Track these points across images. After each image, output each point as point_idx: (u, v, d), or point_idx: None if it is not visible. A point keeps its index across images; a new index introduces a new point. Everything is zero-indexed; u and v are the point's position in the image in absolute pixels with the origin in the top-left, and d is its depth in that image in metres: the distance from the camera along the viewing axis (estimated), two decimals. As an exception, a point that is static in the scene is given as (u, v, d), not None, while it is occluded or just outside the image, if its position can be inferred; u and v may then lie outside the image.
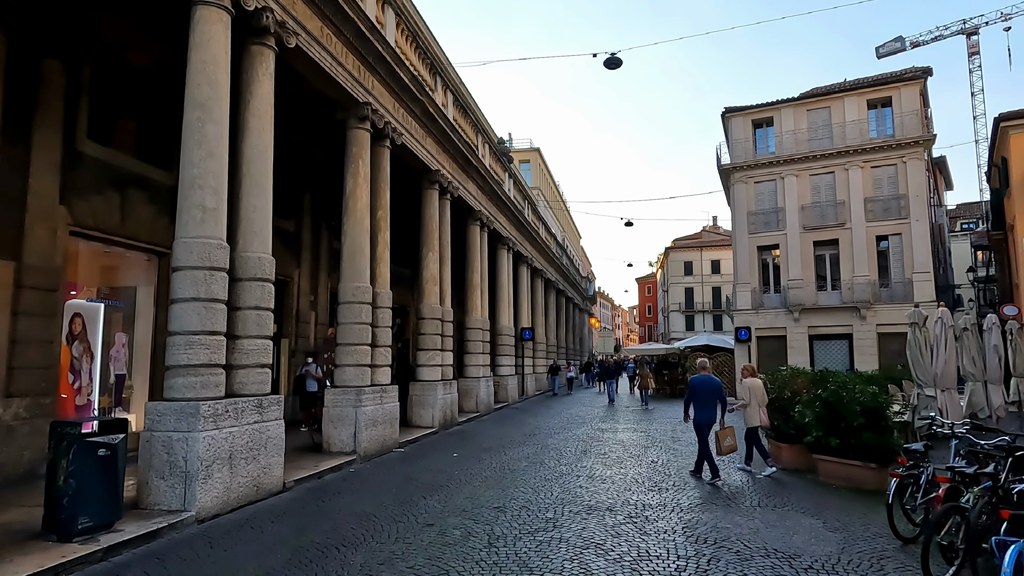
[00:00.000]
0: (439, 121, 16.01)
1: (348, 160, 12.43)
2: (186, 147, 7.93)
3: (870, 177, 25.90)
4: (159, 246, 12.16)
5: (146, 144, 12.07)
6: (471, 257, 20.84)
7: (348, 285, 12.20)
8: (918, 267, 24.82)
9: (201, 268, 7.75)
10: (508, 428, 16.84)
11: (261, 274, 8.90)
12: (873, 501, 8.27)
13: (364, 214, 12.45)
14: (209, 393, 7.70)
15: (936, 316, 11.25)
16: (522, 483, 9.46)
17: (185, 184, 7.87)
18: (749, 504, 8.15)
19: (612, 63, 18.41)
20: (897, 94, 25.83)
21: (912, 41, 56.94)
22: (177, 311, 7.69)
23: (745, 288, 27.75)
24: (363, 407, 11.73)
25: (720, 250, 77.46)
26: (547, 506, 7.98)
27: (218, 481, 7.60)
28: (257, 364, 8.74)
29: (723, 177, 29.88)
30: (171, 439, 7.36)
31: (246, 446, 8.13)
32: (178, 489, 7.30)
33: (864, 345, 25.24)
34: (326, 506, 8.12)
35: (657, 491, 8.89)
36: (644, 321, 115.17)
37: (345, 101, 12.14)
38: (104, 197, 10.93)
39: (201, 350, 7.66)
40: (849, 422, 9.05)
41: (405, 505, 8.09)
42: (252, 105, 9.14)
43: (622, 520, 7.31)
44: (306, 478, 9.66)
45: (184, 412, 7.41)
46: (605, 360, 32.92)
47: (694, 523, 7.17)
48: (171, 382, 7.61)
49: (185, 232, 7.80)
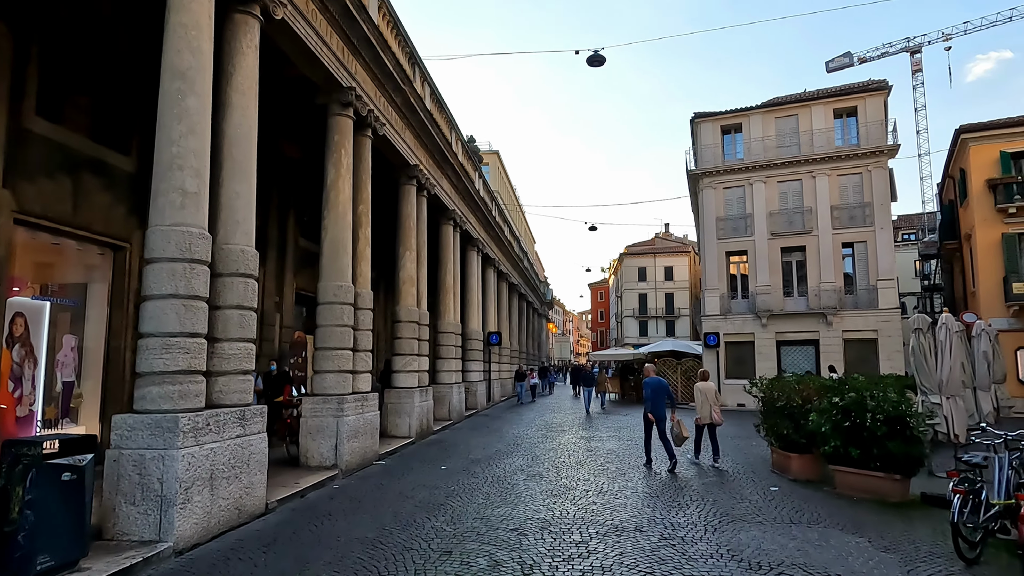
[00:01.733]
0: (419, 113, 15.16)
1: (329, 149, 11.47)
2: (164, 122, 6.93)
3: (836, 185, 26.25)
4: (115, 238, 10.96)
5: (102, 124, 10.83)
6: (444, 258, 19.99)
7: (329, 284, 11.24)
8: (882, 274, 25.23)
9: (181, 260, 6.74)
10: (488, 437, 16.04)
11: (244, 269, 7.92)
12: (904, 515, 7.93)
13: (346, 208, 11.52)
14: (189, 404, 6.70)
15: (941, 321, 11.07)
16: (528, 499, 8.72)
17: (162, 164, 6.86)
18: (779, 520, 7.63)
19: (595, 60, 17.91)
20: (862, 104, 26.28)
21: (860, 57, 58.96)
22: (152, 310, 6.65)
23: (713, 294, 27.72)
24: (345, 417, 10.78)
25: (673, 256, 78.57)
26: (568, 527, 7.27)
27: (198, 505, 6.60)
28: (239, 371, 7.76)
29: (691, 182, 29.87)
30: (144, 458, 6.34)
31: (228, 464, 7.15)
32: (152, 516, 6.28)
33: (830, 351, 25.48)
34: (321, 531, 7.19)
35: (677, 507, 8.29)
36: (596, 326, 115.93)
37: (328, 85, 11.20)
38: (54, 181, 9.68)
39: (180, 355, 6.65)
40: (872, 431, 8.66)
41: (410, 528, 7.24)
42: (235, 80, 8.16)
43: (657, 542, 6.66)
44: (288, 497, 8.68)
45: (160, 426, 6.40)
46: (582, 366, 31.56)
47: (736, 545, 6.57)
48: (144, 391, 6.57)
49: (161, 219, 6.79)
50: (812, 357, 26.05)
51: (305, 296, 17.46)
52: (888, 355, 24.67)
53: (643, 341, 71.83)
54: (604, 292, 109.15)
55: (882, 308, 25.06)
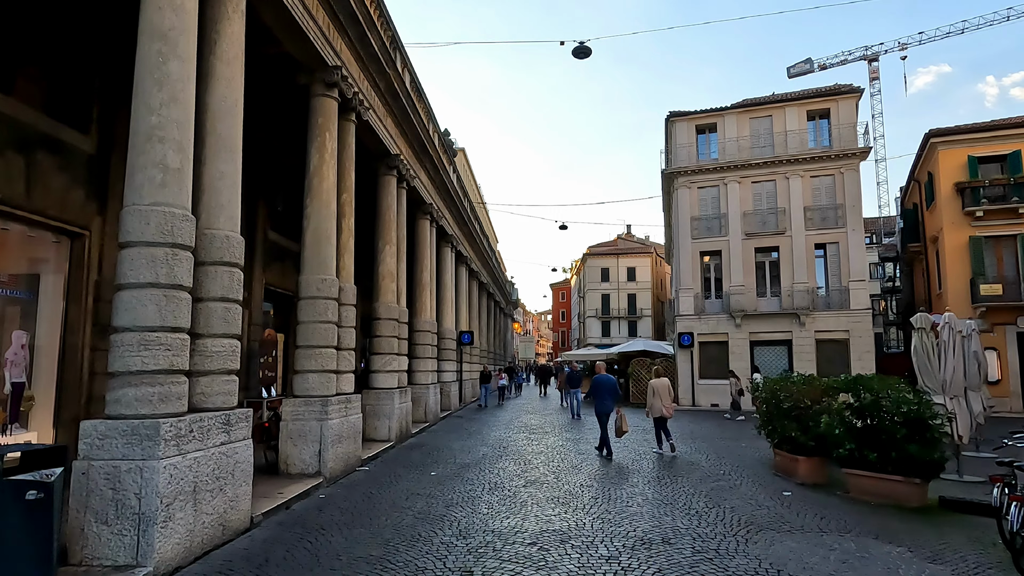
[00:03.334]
0: (401, 99, 14.42)
1: (312, 133, 10.67)
2: (142, 88, 6.10)
3: (809, 186, 26.42)
4: (72, 225, 9.96)
5: (57, 98, 9.82)
6: (420, 254, 19.23)
7: (312, 277, 10.43)
8: (854, 275, 25.48)
9: (161, 245, 5.93)
10: (469, 441, 15.37)
11: (229, 257, 7.12)
12: (930, 521, 7.64)
13: (331, 196, 10.72)
14: (170, 408, 5.89)
15: (944, 321, 10.92)
16: (536, 509, 8.12)
17: (140, 135, 6.03)
18: (807, 528, 7.22)
19: (581, 52, 17.45)
20: (835, 106, 26.51)
21: (820, 64, 60.27)
22: (128, 301, 5.83)
23: (688, 293, 27.60)
24: (329, 420, 10.01)
25: (636, 257, 79.00)
26: (590, 539, 6.71)
27: (180, 523, 5.81)
28: (223, 370, 6.95)
29: (665, 181, 29.74)
30: (119, 470, 5.52)
31: (212, 475, 6.36)
32: (128, 537, 5.46)
33: (803, 351, 25.62)
34: (318, 549, 6.45)
35: (695, 515, 7.80)
36: (558, 327, 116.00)
37: (312, 62, 10.40)
38: (4, 160, 8.66)
39: (161, 352, 5.84)
40: (892, 433, 8.35)
41: (417, 544, 6.57)
42: (220, 48, 7.35)
43: (691, 556, 6.15)
44: (274, 510, 7.89)
45: (137, 433, 5.58)
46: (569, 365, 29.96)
47: (776, 558, 6.10)
48: (118, 394, 5.74)
49: (139, 197, 5.96)
50: (785, 357, 26.14)
51: (275, 292, 16.52)
52: (859, 355, 24.92)
53: (606, 341, 71.97)
54: (566, 292, 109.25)
55: (854, 309, 25.30)
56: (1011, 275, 23.66)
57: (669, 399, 13.22)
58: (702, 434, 16.82)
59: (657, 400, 13.10)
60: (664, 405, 13.05)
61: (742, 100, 29.47)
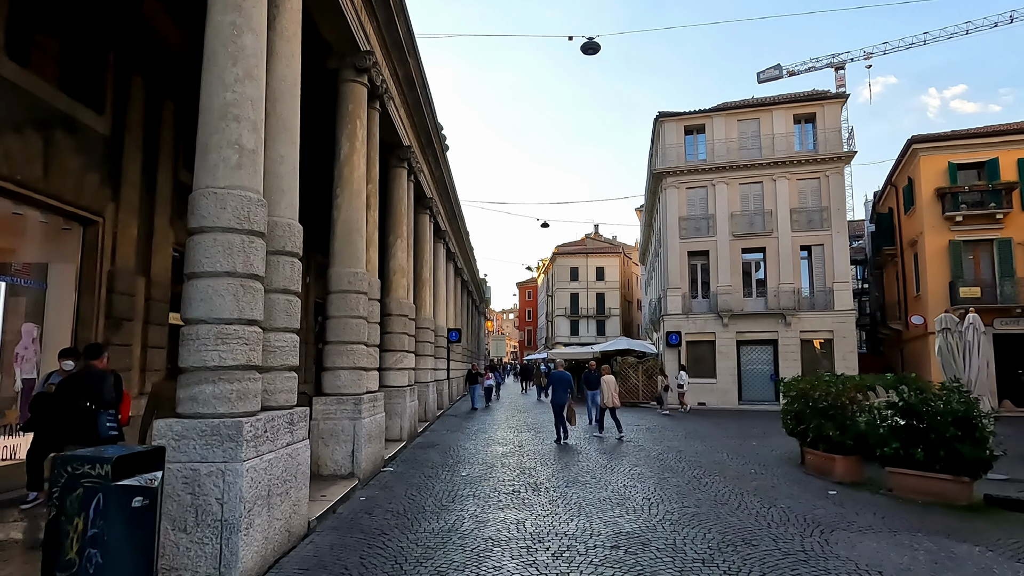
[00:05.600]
0: (416, 89, 14.03)
1: (342, 120, 10.24)
2: (216, 61, 5.66)
3: (795, 189, 26.88)
4: (86, 210, 9.36)
5: (72, 73, 9.22)
6: (421, 249, 18.81)
7: (342, 271, 10.00)
8: (838, 277, 26.02)
9: (238, 231, 5.52)
10: (479, 439, 15.10)
11: (291, 247, 6.72)
12: (988, 519, 7.74)
13: (361, 185, 10.32)
14: (248, 406, 5.49)
15: (968, 321, 11.11)
16: (592, 510, 7.90)
17: (213, 112, 5.59)
18: (877, 528, 7.18)
19: (590, 48, 17.33)
20: (821, 111, 27.03)
21: (789, 70, 61.64)
22: (203, 290, 5.39)
23: (676, 293, 27.79)
24: (362, 419, 9.62)
25: (605, 257, 79.47)
26: (672, 542, 6.52)
27: (258, 530, 5.42)
28: (285, 366, 6.56)
29: (653, 181, 29.88)
30: (198, 473, 5.10)
31: (281, 478, 5.96)
32: (209, 546, 5.05)
33: (788, 351, 26.05)
34: (395, 555, 6.09)
35: (758, 515, 7.70)
36: (524, 325, 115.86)
37: (345, 46, 9.98)
38: (22, 137, 8.02)
39: (238, 346, 5.42)
40: (941, 432, 8.41)
41: (497, 548, 6.29)
42: (279, 24, 6.94)
43: (783, 557, 6.02)
44: (324, 514, 7.50)
45: (218, 434, 5.17)
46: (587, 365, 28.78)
47: (869, 559, 6.02)
48: (194, 391, 5.30)
49: (213, 179, 5.52)
50: (771, 357, 26.55)
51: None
52: (843, 355, 25.45)
53: (575, 340, 72.25)
54: (532, 291, 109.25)
55: (838, 309, 25.85)
56: (987, 278, 24.50)
57: (615, 393, 15.96)
58: (705, 433, 16.88)
59: (607, 393, 15.76)
60: (612, 396, 15.75)
61: (722, 103, 29.77)
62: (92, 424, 6.11)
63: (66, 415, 6.17)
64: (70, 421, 6.14)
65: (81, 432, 6.02)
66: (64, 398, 6.22)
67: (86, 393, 6.16)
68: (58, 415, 6.29)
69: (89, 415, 6.12)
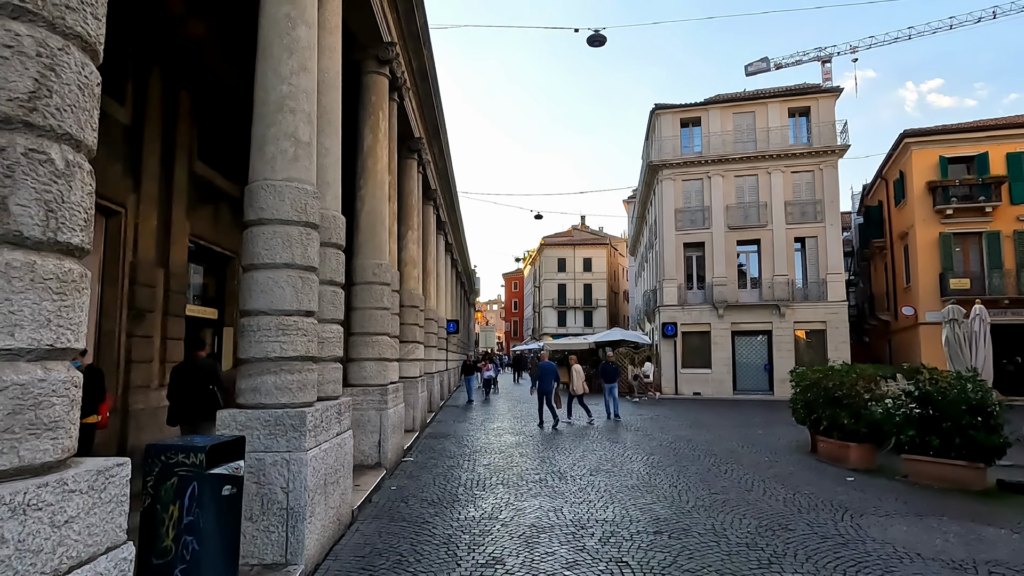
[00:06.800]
0: (428, 81, 14.02)
1: (365, 111, 10.24)
2: (270, 53, 5.68)
3: (790, 181, 27.22)
4: (109, 201, 9.29)
5: None
6: (426, 241, 18.84)
7: (367, 262, 10.04)
8: (831, 268, 26.45)
9: (295, 223, 5.57)
10: (487, 429, 15.23)
11: (337, 239, 6.78)
12: (1005, 503, 8.00)
13: (384, 177, 10.34)
14: (307, 397, 5.56)
15: (974, 312, 11.43)
16: (623, 497, 8.08)
17: (270, 105, 5.62)
18: (902, 512, 7.42)
19: (596, 40, 17.40)
20: (815, 104, 27.37)
21: (776, 63, 62.01)
22: (263, 282, 5.44)
23: (671, 284, 28.07)
24: (388, 409, 9.70)
25: (592, 248, 79.77)
26: (712, 528, 6.71)
27: (318, 518, 5.51)
28: (334, 357, 6.63)
29: (649, 173, 30.07)
30: (263, 463, 5.17)
31: (333, 467, 6.05)
32: (275, 534, 5.13)
33: (782, 341, 26.46)
34: (447, 541, 6.22)
35: (786, 501, 7.93)
36: (510, 316, 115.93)
37: (369, 37, 9.97)
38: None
39: (298, 337, 5.48)
40: (956, 420, 8.69)
41: (546, 533, 6.43)
42: (323, 16, 6.95)
43: (822, 541, 6.23)
44: (362, 503, 7.59)
45: (282, 424, 5.24)
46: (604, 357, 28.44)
47: (903, 542, 6.25)
48: (256, 381, 5.36)
49: (271, 171, 5.57)
50: (765, 347, 26.95)
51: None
52: (835, 346, 25.92)
53: (562, 331, 72.56)
54: (519, 282, 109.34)
55: (831, 300, 26.30)
56: (976, 270, 25.06)
57: (583, 381, 16.71)
58: (708, 422, 17.14)
59: (577, 381, 16.47)
60: (582, 384, 16.55)
61: (717, 95, 30.05)
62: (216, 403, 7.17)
63: (195, 396, 7.32)
64: (198, 401, 7.27)
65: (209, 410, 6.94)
66: (192, 382, 7.38)
67: (207, 378, 7.43)
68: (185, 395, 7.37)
69: (213, 395, 7.34)
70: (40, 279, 2.23)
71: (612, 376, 17.06)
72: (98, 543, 2.43)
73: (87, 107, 2.50)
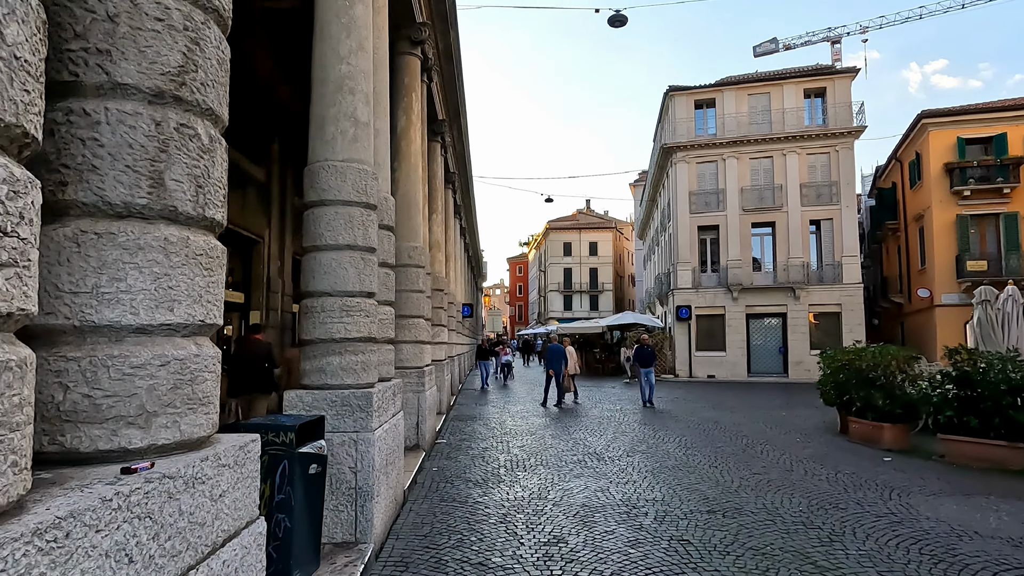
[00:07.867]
0: (452, 63, 13.91)
1: (399, 93, 10.15)
2: (329, 32, 5.63)
3: (805, 163, 27.07)
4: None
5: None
6: (447, 224, 18.78)
7: (403, 244, 10.00)
8: (847, 251, 26.37)
9: (356, 204, 5.55)
10: (509, 411, 15.31)
11: (387, 219, 6.77)
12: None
13: (418, 159, 10.31)
14: (370, 377, 5.58)
15: (1007, 293, 11.40)
16: (667, 477, 8.14)
17: (329, 85, 5.59)
18: (947, 492, 7.45)
19: (617, 20, 17.23)
20: (831, 85, 27.13)
21: (785, 44, 61.43)
22: (326, 263, 5.43)
23: (686, 267, 28.04)
24: (425, 391, 9.75)
25: (598, 232, 79.57)
26: (767, 507, 6.75)
27: (382, 498, 5.56)
28: (387, 339, 6.64)
29: (662, 156, 29.91)
30: (331, 443, 5.18)
31: (392, 447, 6.09)
32: (344, 513, 5.18)
33: (797, 324, 26.46)
34: (504, 520, 6.28)
35: (830, 481, 7.98)
36: (514, 301, 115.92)
37: (403, 17, 9.86)
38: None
39: (361, 318, 5.50)
40: (997, 400, 8.70)
41: (604, 511, 6.48)
42: (369, -6, 6.85)
43: (875, 519, 6.27)
44: (410, 484, 7.65)
45: (348, 404, 5.27)
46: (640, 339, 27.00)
47: (956, 520, 6.29)
48: (322, 363, 5.37)
49: (332, 152, 5.54)
50: (779, 330, 26.96)
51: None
52: (851, 328, 25.91)
53: (567, 315, 72.55)
54: (523, 266, 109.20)
55: (846, 283, 26.26)
56: (993, 252, 24.97)
57: (575, 362, 17.95)
58: (729, 404, 17.19)
59: (569, 362, 17.18)
60: (574, 364, 17.71)
61: (729, 76, 29.76)
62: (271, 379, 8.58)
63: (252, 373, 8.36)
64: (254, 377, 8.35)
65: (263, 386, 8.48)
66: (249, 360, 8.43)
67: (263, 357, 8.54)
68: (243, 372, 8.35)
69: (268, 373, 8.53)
70: (193, 255, 2.23)
71: (649, 360, 16.10)
72: (241, 517, 2.46)
73: (223, 82, 2.49)
